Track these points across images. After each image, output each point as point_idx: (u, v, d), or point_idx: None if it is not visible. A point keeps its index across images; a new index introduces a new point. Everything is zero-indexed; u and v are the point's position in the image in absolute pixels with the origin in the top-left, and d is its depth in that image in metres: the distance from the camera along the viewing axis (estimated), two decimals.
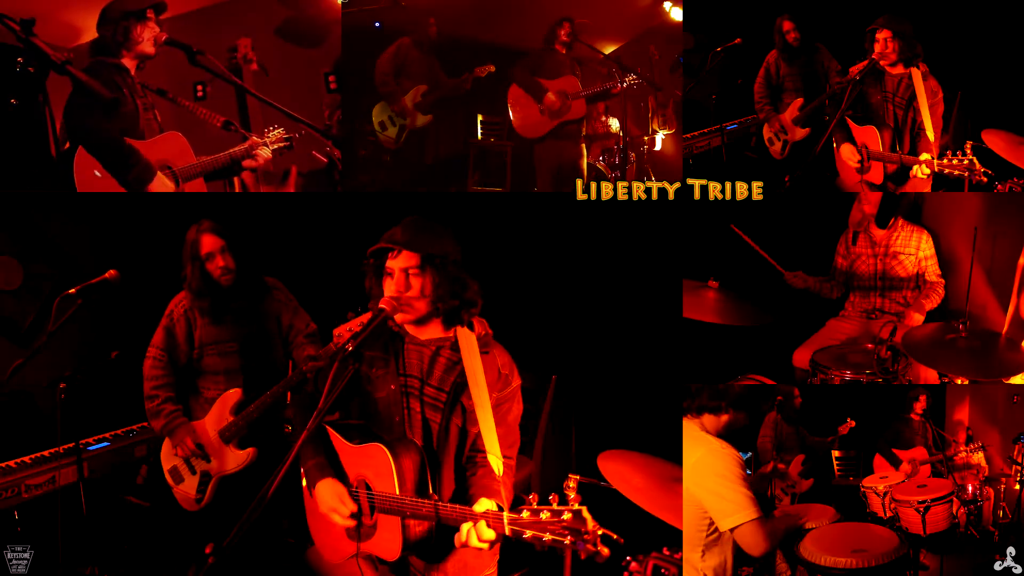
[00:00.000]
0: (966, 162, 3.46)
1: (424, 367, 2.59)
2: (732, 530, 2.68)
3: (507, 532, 2.22)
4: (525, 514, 2.18)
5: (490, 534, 2.27)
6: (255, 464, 3.58)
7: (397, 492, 2.47)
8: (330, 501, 2.52)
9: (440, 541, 2.50)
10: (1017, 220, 3.63)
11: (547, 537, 2.13)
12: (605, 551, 2.10)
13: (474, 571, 2.63)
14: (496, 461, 2.49)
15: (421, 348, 2.59)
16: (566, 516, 2.12)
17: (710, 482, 2.70)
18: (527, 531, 2.17)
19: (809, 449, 3.96)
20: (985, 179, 3.45)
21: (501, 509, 2.33)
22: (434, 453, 2.57)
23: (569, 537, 2.10)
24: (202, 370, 3.63)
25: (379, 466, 2.50)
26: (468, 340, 2.57)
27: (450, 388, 2.56)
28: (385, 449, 2.49)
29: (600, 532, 2.11)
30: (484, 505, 2.34)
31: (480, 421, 2.50)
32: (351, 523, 2.53)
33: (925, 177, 3.58)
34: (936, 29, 3.77)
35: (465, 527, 2.31)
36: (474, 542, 2.29)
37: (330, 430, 2.64)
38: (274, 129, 3.57)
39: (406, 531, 2.48)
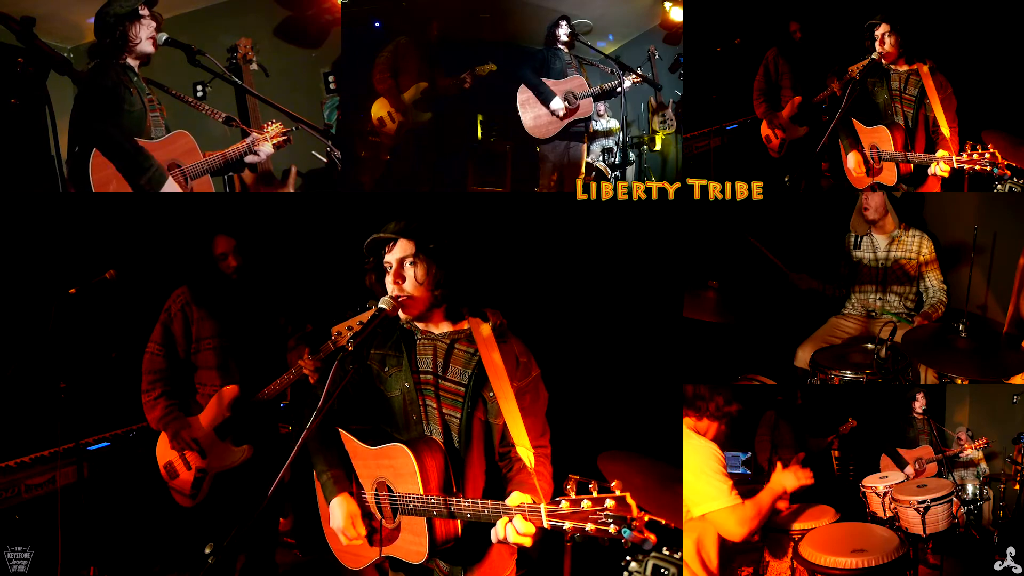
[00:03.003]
0: (987, 156, 3.38)
1: (439, 361, 2.54)
2: (706, 516, 2.89)
3: (545, 525, 2.12)
4: (564, 504, 2.08)
5: (529, 527, 2.18)
6: (251, 461, 3.59)
7: (421, 492, 2.39)
8: (342, 522, 2.49)
9: (469, 542, 2.43)
10: (1017, 220, 3.63)
11: (590, 527, 2.02)
12: (653, 538, 2.00)
13: (498, 572, 2.56)
14: (526, 453, 2.41)
15: (435, 342, 2.55)
16: (610, 503, 2.00)
17: (687, 476, 2.91)
18: (567, 522, 2.06)
19: (808, 449, 3.96)
20: (1009, 172, 3.38)
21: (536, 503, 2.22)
22: (456, 450, 2.49)
23: (614, 526, 1.99)
24: (198, 365, 3.63)
25: (401, 467, 2.42)
26: (484, 331, 2.51)
27: (468, 381, 2.50)
28: (407, 449, 2.41)
29: (647, 518, 2.00)
30: (518, 499, 2.24)
31: (505, 413, 2.43)
32: (358, 543, 2.50)
33: (945, 175, 3.50)
34: (935, 28, 3.76)
35: (501, 523, 2.24)
36: (513, 537, 2.21)
37: (344, 434, 2.59)
38: (272, 124, 3.58)
39: (432, 532, 2.39)
